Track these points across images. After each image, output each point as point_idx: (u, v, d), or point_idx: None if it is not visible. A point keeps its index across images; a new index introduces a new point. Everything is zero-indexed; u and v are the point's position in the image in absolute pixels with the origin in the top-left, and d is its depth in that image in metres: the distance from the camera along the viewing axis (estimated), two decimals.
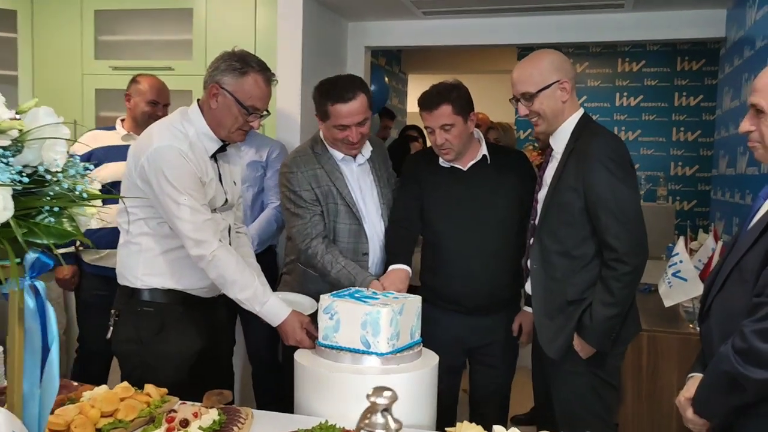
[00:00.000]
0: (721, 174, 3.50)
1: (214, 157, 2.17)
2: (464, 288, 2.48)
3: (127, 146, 3.03)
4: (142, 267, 2.14)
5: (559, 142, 2.19)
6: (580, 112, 2.20)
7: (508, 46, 5.38)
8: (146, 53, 4.04)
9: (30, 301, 0.95)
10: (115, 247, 2.22)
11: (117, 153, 3.01)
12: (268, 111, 2.17)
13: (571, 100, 2.16)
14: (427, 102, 2.42)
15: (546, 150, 2.35)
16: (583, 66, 6.31)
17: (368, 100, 2.40)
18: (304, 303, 2.29)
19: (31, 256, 0.93)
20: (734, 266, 1.57)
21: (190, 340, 2.17)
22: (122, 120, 3.24)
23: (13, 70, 4.10)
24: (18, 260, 0.94)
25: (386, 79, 5.30)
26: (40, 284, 0.98)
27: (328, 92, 2.37)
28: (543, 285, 2.22)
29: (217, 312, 2.30)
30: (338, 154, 2.47)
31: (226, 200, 2.22)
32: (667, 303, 2.76)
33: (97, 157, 3.02)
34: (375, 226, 2.51)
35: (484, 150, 2.52)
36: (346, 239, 2.46)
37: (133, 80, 3.23)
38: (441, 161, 2.51)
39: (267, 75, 2.12)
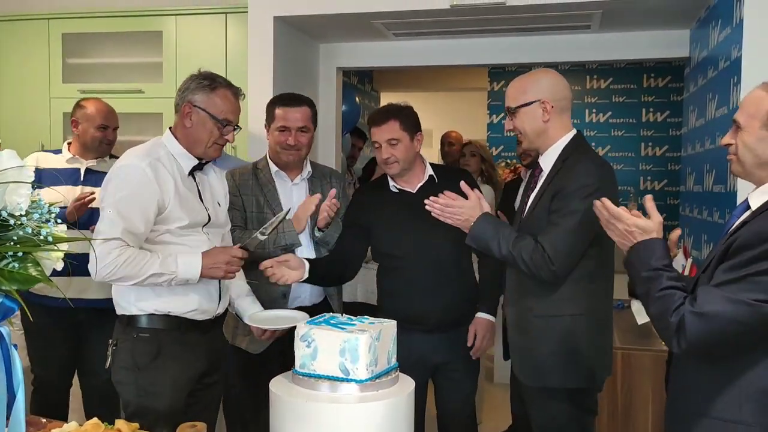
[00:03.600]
0: (688, 190, 3.57)
1: (192, 175, 2.22)
2: (424, 306, 2.52)
3: (72, 169, 3.09)
4: (134, 293, 2.15)
5: (547, 162, 2.20)
6: (572, 133, 2.19)
7: (478, 66, 5.45)
8: (116, 76, 4.01)
9: None
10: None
11: (59, 175, 3.01)
12: (239, 126, 2.26)
13: (556, 121, 2.16)
14: (376, 118, 2.54)
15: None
16: None
17: (312, 115, 2.68)
18: (296, 317, 2.29)
19: None
20: (698, 278, 1.62)
21: (187, 365, 2.19)
22: (69, 143, 3.19)
23: None
24: None
25: (357, 99, 5.31)
26: (4, 329, 0.95)
27: (278, 99, 2.72)
28: (515, 299, 2.25)
29: (215, 335, 2.32)
30: (274, 168, 2.67)
31: (209, 218, 2.24)
32: (640, 320, 2.78)
33: (42, 179, 3.00)
34: (302, 241, 2.60)
35: (429, 170, 2.61)
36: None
37: (78, 105, 3.16)
38: (391, 186, 2.59)
39: (234, 90, 2.24)
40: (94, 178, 3.07)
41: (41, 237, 0.94)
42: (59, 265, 1.00)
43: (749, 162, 1.58)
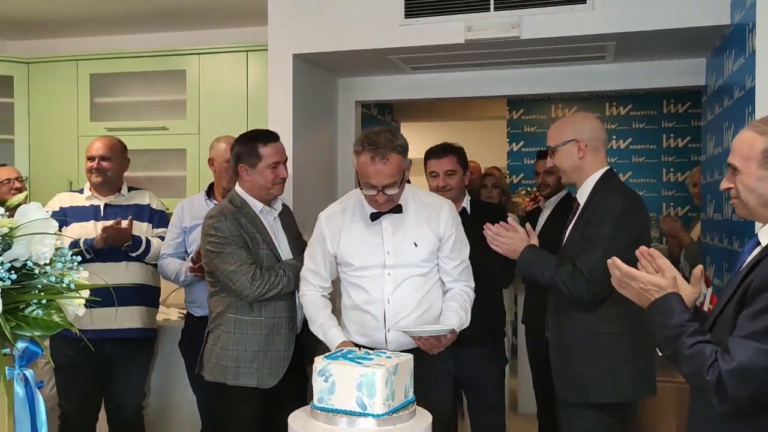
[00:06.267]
0: (708, 218, 3.54)
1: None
2: None
3: (93, 206, 3.25)
4: None
5: (582, 196, 2.44)
6: (605, 169, 2.43)
7: (496, 98, 5.48)
8: (141, 114, 4.13)
9: (20, 390, 0.96)
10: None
11: (81, 213, 3.20)
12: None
13: (590, 158, 2.41)
14: (437, 151, 3.05)
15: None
16: (572, 110, 6.41)
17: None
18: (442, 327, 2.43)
19: (20, 345, 0.95)
20: (717, 316, 1.61)
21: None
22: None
23: (9, 134, 4.18)
24: (7, 350, 0.96)
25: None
26: (29, 372, 0.99)
27: (255, 137, 2.68)
28: (557, 320, 2.43)
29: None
30: (258, 205, 2.68)
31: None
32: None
33: (67, 216, 3.16)
34: None
35: (466, 204, 3.05)
36: None
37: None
38: None
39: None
40: (114, 212, 3.17)
41: (64, 284, 0.99)
42: (81, 311, 1.05)
43: (753, 203, 1.58)
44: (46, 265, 0.99)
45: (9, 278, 0.92)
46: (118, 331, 3.11)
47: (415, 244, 2.41)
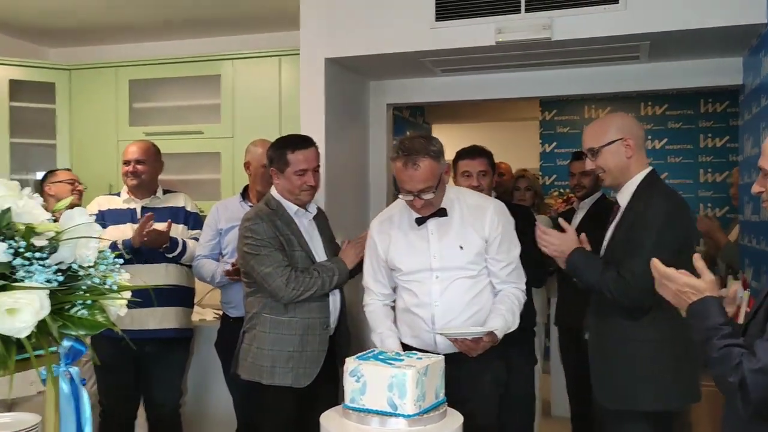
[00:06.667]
0: (747, 220, 3.48)
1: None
2: None
3: (130, 209, 3.32)
4: None
5: (624, 198, 2.38)
6: (647, 170, 2.38)
7: (528, 99, 5.46)
8: (177, 118, 4.21)
9: (65, 387, 1.01)
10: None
11: (118, 215, 3.30)
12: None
13: (636, 157, 2.35)
14: (471, 152, 3.12)
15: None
16: (605, 110, 6.35)
17: (319, 155, 2.77)
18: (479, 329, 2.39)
19: (65, 344, 1.00)
20: (750, 320, 1.60)
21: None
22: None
23: (51, 139, 4.30)
24: (53, 348, 1.01)
25: (408, 133, 5.40)
26: (74, 370, 1.04)
27: (285, 143, 2.72)
28: (598, 325, 2.39)
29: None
30: (293, 207, 2.72)
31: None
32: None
33: (105, 219, 3.25)
34: None
35: None
36: None
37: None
38: None
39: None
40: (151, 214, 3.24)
41: (107, 286, 1.04)
42: (123, 311, 1.10)
43: None
44: (90, 267, 1.04)
45: (56, 280, 0.98)
46: (156, 331, 3.19)
47: (461, 247, 2.41)
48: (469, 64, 3.78)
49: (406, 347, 2.43)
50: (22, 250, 0.96)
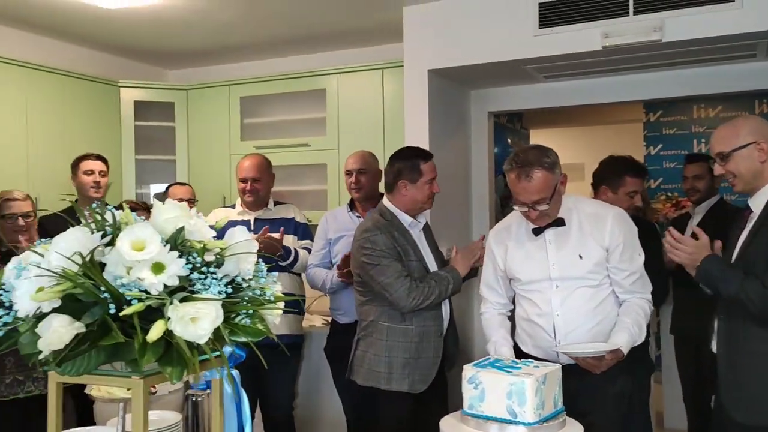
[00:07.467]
0: None
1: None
2: None
3: (244, 221, 3.46)
4: None
5: (758, 204, 2.25)
6: None
7: (633, 103, 5.30)
8: (285, 132, 4.40)
9: (228, 388, 1.11)
10: None
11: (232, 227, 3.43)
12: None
13: None
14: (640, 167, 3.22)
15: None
16: (716, 110, 6.07)
17: None
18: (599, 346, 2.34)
19: (227, 349, 1.10)
20: None
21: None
22: None
23: (172, 155, 4.60)
24: (216, 353, 1.11)
25: (509, 140, 5.38)
26: (235, 373, 1.14)
27: (416, 154, 2.81)
28: (730, 337, 2.27)
29: None
30: (407, 219, 2.79)
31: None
32: None
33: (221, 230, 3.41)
34: None
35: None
36: None
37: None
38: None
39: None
40: (262, 225, 3.41)
41: (266, 297, 1.14)
42: (278, 320, 1.20)
43: None
44: (250, 280, 1.14)
45: (226, 292, 1.08)
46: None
47: (580, 257, 2.37)
48: (574, 69, 3.74)
49: (526, 357, 2.43)
50: (198, 265, 1.07)
